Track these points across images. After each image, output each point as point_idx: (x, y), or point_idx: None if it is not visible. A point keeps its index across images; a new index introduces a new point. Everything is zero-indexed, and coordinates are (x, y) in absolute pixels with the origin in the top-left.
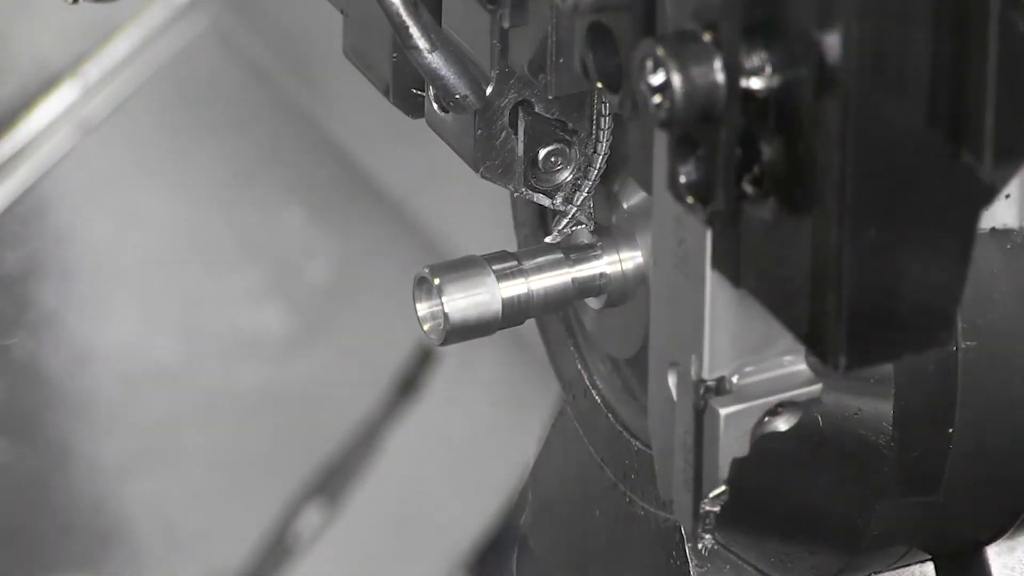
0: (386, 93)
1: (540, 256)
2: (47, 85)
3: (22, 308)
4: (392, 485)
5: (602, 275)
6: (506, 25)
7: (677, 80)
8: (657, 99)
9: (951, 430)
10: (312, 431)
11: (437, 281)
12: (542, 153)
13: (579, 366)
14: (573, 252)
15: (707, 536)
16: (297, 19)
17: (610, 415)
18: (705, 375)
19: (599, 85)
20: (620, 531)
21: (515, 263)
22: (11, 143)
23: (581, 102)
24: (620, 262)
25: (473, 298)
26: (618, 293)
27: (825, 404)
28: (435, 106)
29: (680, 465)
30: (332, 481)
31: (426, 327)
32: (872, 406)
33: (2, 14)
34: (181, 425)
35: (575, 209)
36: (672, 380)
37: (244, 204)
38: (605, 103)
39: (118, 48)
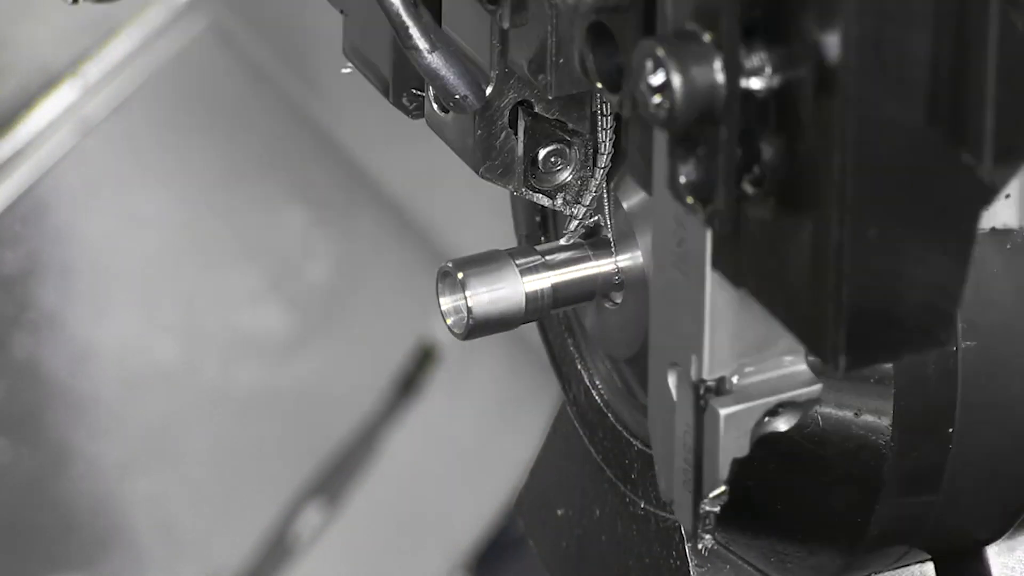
0: (386, 93)
1: (564, 251)
2: (47, 85)
3: (22, 308)
4: (392, 485)
5: (622, 271)
6: (505, 25)
7: (677, 80)
8: (657, 99)
9: (951, 430)
10: (312, 431)
11: (461, 275)
12: (542, 153)
13: (579, 366)
14: (594, 247)
15: (707, 536)
16: (297, 19)
17: (610, 415)
18: (705, 375)
19: (599, 85)
20: (620, 531)
21: (538, 257)
22: (11, 143)
23: (581, 102)
24: (639, 258)
25: (496, 292)
26: (637, 288)
27: (825, 404)
28: (435, 106)
29: (680, 465)
30: (332, 481)
31: (449, 321)
32: (872, 406)
33: (2, 15)
34: (181, 425)
35: (584, 210)
36: (672, 380)
37: (244, 204)
38: (607, 103)
39: (118, 48)
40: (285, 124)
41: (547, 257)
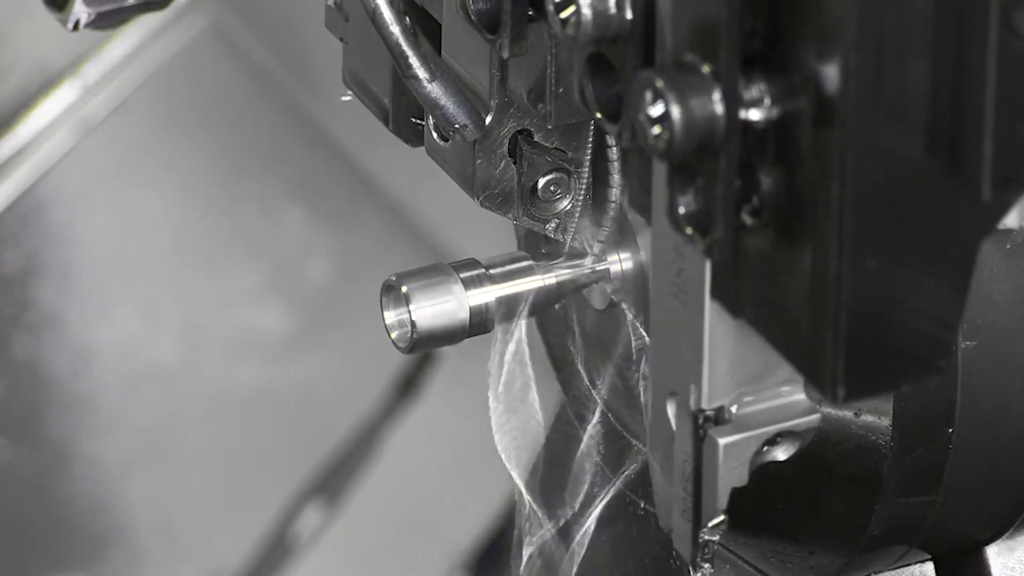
0: (385, 121)
1: (507, 264)
2: (47, 85)
3: (22, 308)
4: (392, 485)
5: (571, 281)
6: (505, 55)
7: (676, 111)
8: (656, 130)
9: (951, 430)
10: (312, 431)
11: (404, 289)
12: (541, 182)
13: (579, 366)
14: (540, 260)
15: (707, 565)
16: (297, 19)
17: (610, 415)
18: (704, 405)
19: (598, 115)
20: (620, 531)
21: (482, 271)
22: (11, 143)
23: (580, 131)
24: (591, 268)
25: (440, 306)
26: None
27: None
28: (435, 135)
29: (680, 494)
30: (332, 481)
31: (393, 335)
32: (872, 406)
33: (2, 15)
34: (181, 425)
35: (601, 245)
36: (671, 409)
37: (244, 204)
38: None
39: (118, 48)
40: (285, 124)
41: (491, 271)
